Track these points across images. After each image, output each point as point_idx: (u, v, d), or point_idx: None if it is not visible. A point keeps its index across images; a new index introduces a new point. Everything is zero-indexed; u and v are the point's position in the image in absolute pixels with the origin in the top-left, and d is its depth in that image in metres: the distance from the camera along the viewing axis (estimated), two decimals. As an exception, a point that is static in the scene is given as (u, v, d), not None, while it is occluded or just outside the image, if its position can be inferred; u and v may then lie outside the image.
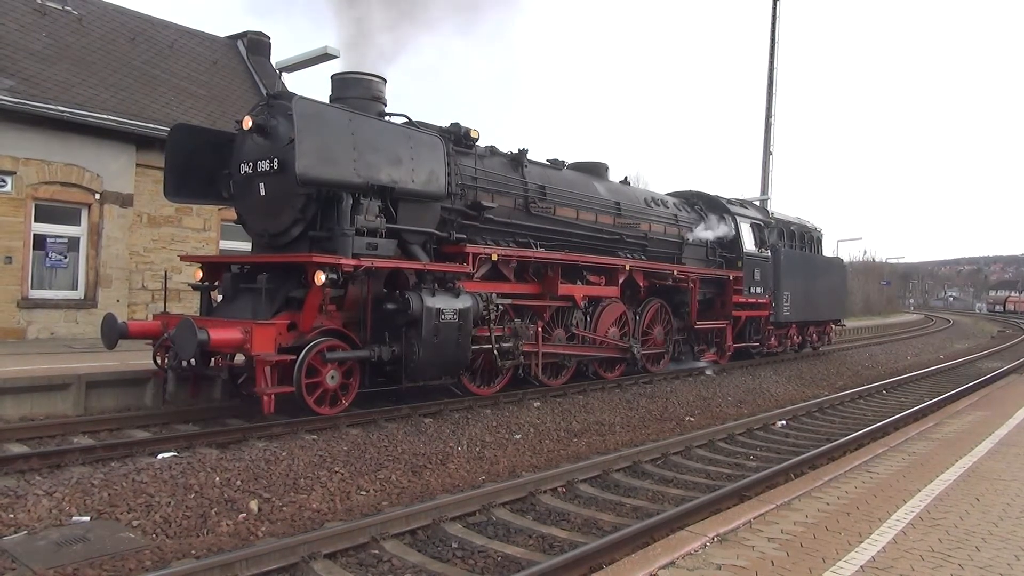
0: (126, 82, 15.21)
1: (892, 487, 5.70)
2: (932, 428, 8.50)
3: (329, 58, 15.94)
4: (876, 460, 6.69)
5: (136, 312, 14.30)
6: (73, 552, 4.65)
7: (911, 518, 4.88)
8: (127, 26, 16.77)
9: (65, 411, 8.44)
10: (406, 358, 8.56)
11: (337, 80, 9.40)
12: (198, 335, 7.21)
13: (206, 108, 16.21)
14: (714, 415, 10.94)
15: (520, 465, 7.49)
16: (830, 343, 22.68)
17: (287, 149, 8.03)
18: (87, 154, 13.73)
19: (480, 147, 10.61)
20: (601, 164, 13.75)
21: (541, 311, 11.05)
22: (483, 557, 5.01)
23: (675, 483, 7.19)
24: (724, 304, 15.75)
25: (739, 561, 4.02)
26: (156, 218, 14.80)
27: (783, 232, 18.84)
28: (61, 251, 13.75)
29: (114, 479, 5.94)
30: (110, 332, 8.30)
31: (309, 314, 8.03)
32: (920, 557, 4.16)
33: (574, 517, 5.95)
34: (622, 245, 13.09)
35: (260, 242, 9.21)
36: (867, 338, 31.47)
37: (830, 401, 12.32)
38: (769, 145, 29.32)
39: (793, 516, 4.88)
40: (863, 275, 68.00)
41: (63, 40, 14.94)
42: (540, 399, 10.62)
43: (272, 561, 4.52)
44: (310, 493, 6.12)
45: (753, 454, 8.58)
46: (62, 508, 5.34)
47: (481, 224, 10.22)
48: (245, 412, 8.60)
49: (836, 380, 16.02)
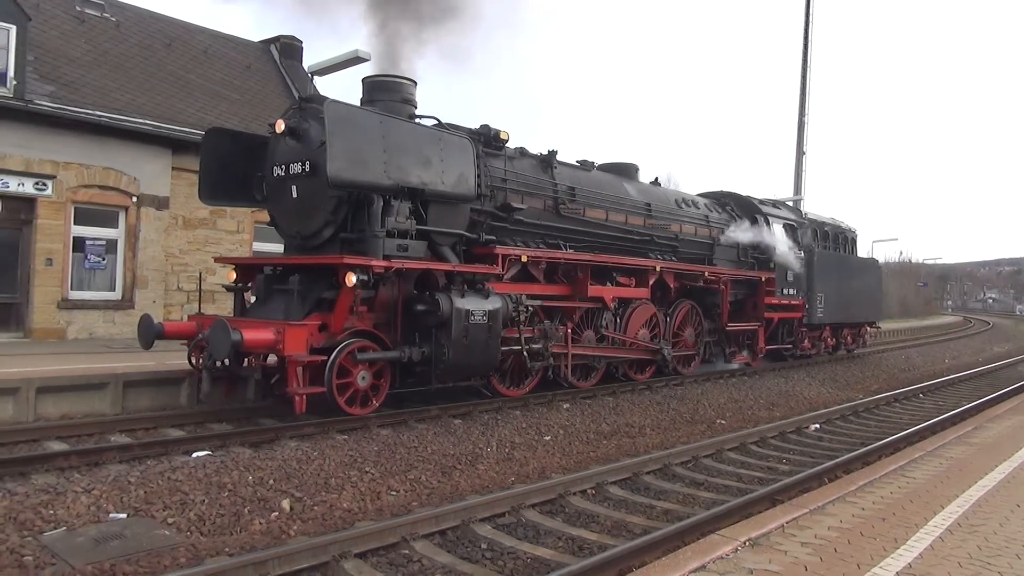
0: (162, 87, 15.50)
1: (929, 492, 5.58)
2: (971, 432, 8.32)
3: (360, 61, 16.03)
4: (912, 465, 6.56)
5: (172, 313, 14.54)
6: (110, 548, 4.74)
7: (949, 524, 4.78)
8: (163, 32, 17.10)
9: (103, 410, 8.61)
10: (436, 359, 8.60)
11: (368, 83, 9.47)
12: (232, 336, 7.31)
13: (240, 112, 16.45)
14: (746, 418, 10.82)
15: (550, 467, 7.48)
16: (865, 345, 22.29)
17: (319, 152, 8.12)
18: (124, 158, 14.01)
19: (510, 148, 10.62)
20: (631, 165, 13.68)
21: (571, 312, 11.02)
22: (512, 558, 5.00)
23: (706, 486, 7.12)
24: (756, 306, 15.57)
25: (771, 566, 3.97)
26: (191, 220, 15.05)
27: (817, 233, 18.57)
28: (99, 253, 14.04)
29: (150, 477, 6.05)
30: (146, 333, 8.44)
31: (340, 315, 8.10)
32: (958, 564, 4.07)
33: (604, 519, 5.92)
34: (652, 246, 13.01)
35: (292, 244, 9.32)
36: (903, 340, 30.90)
37: (865, 404, 12.12)
38: (802, 145, 28.96)
39: (827, 521, 4.80)
40: (899, 276, 66.83)
41: (101, 46, 15.27)
42: (570, 401, 10.59)
43: (303, 560, 4.56)
44: (341, 493, 6.16)
45: (786, 458, 8.46)
46: (100, 505, 5.44)
47: (511, 225, 10.22)
48: (277, 412, 8.70)
49: (871, 383, 15.76)
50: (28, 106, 12.71)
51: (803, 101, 28.79)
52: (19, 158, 12.78)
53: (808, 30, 28.69)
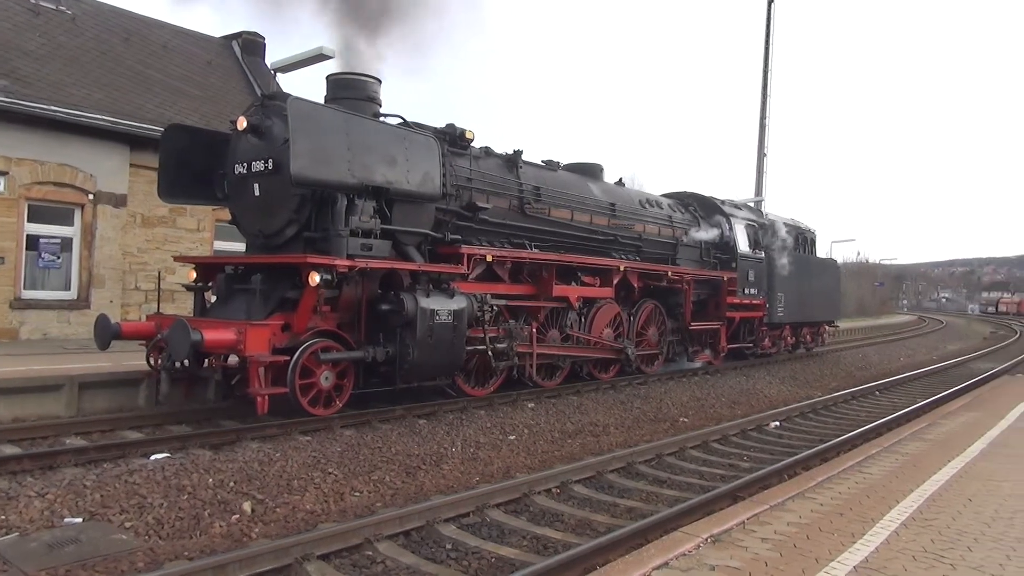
0: (120, 82, 15.17)
1: (885, 488, 5.71)
2: (925, 429, 8.53)
3: (324, 58, 15.84)
4: (869, 461, 6.71)
5: (129, 313, 14.24)
6: (65, 554, 4.64)
7: (904, 519, 4.90)
8: (121, 26, 16.72)
9: (58, 412, 8.40)
10: (400, 359, 8.55)
11: (332, 81, 9.38)
12: (191, 336, 7.20)
13: (200, 108, 16.16)
14: (708, 416, 10.96)
15: (514, 466, 7.49)
16: (824, 344, 22.74)
17: (282, 150, 8.02)
18: (81, 154, 13.67)
19: (475, 148, 10.61)
20: (596, 165, 13.77)
21: (536, 312, 11.06)
22: (477, 558, 5.00)
23: (669, 484, 7.19)
24: (718, 305, 15.77)
25: (732, 562, 4.03)
26: (150, 218, 14.75)
27: (777, 233, 18.85)
28: (54, 251, 13.68)
29: (107, 480, 5.92)
30: (103, 333, 8.26)
31: (303, 315, 8.01)
32: (913, 557, 4.17)
33: (568, 518, 5.95)
34: (616, 246, 13.11)
35: (254, 243, 9.19)
36: (860, 339, 31.56)
37: (823, 402, 12.35)
38: (763, 147, 29.41)
39: (786, 517, 4.89)
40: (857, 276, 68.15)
41: (57, 40, 14.89)
42: (535, 400, 10.62)
43: (265, 562, 4.51)
44: (304, 494, 6.11)
45: (747, 455, 8.59)
46: (54, 509, 5.32)
47: (476, 225, 10.22)
48: (239, 413, 8.57)
49: (830, 381, 16.06)
50: (-21, 100, 12.35)
51: (764, 103, 29.26)
52: (-30, 154, 12.41)
53: (769, 34, 29.16)
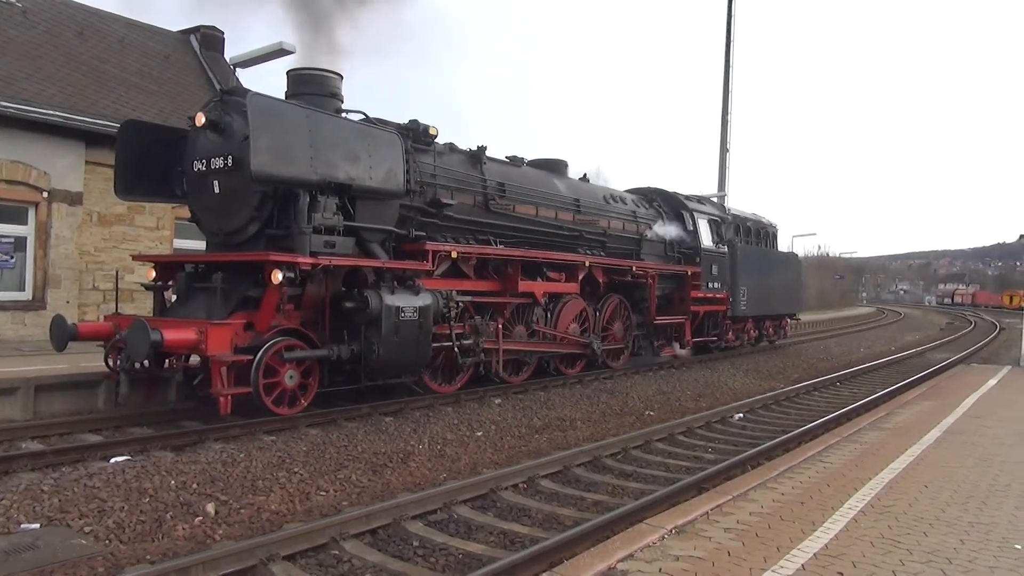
0: (74, 77, 14.81)
1: (845, 476, 5.83)
2: (883, 418, 8.73)
3: (285, 54, 15.69)
4: (829, 450, 6.85)
5: (87, 313, 13.94)
6: (22, 560, 4.53)
7: (863, 506, 5.01)
8: (74, 19, 16.33)
9: (12, 416, 8.18)
10: (366, 357, 8.50)
11: (293, 76, 9.27)
12: (151, 336, 7.07)
13: (158, 104, 15.85)
14: (673, 409, 11.07)
15: (481, 462, 7.50)
16: (786, 336, 23.13)
17: (242, 146, 7.90)
18: (34, 151, 13.32)
19: (439, 144, 10.56)
20: (561, 161, 13.80)
21: (502, 308, 11.06)
22: (444, 555, 5.00)
23: (635, 477, 7.26)
24: (683, 299, 15.93)
25: (696, 552, 4.08)
26: (107, 217, 14.44)
27: (739, 228, 19.12)
28: (7, 251, 13.33)
29: (65, 484, 5.79)
30: (59, 334, 8.09)
31: (266, 314, 7.91)
32: (871, 543, 4.27)
33: (535, 513, 5.97)
34: (581, 242, 13.17)
35: (215, 241, 9.05)
36: (821, 331, 32.15)
37: (786, 393, 12.56)
38: (726, 142, 29.77)
39: (749, 507, 4.97)
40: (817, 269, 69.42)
41: (7, 34, 14.48)
42: (501, 396, 10.63)
43: (229, 564, 4.45)
44: (269, 495, 6.04)
45: (711, 447, 8.70)
46: (10, 515, 5.18)
47: (440, 221, 10.19)
48: (201, 414, 8.44)
49: (791, 373, 16.33)
50: (-74, 96, 11.98)
51: (726, 99, 29.61)
52: (-84, 151, 12.04)
53: (730, 29, 29.50)
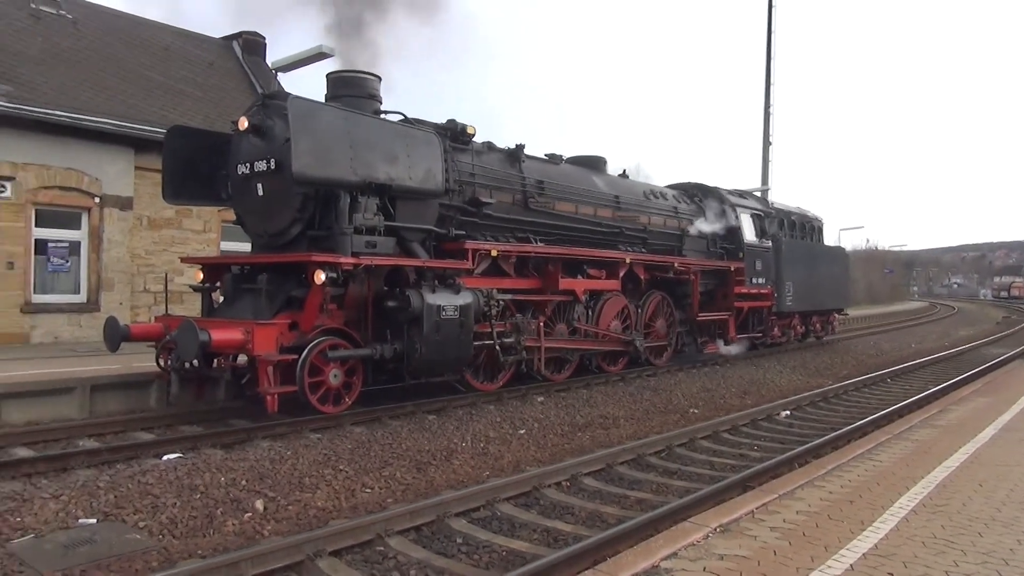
0: (122, 85, 15.23)
1: (896, 474, 5.70)
2: (936, 415, 8.50)
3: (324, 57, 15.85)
4: (880, 448, 6.69)
5: (139, 315, 14.33)
6: (80, 554, 4.67)
7: (914, 505, 4.89)
8: (122, 29, 16.79)
9: (70, 415, 8.46)
10: (408, 355, 8.57)
11: (332, 79, 9.39)
12: (199, 336, 7.24)
13: (203, 110, 16.22)
14: (718, 406, 10.94)
15: (524, 460, 7.50)
16: (834, 332, 22.65)
17: (283, 149, 8.04)
18: (86, 158, 13.75)
19: (477, 143, 10.60)
20: (599, 158, 13.73)
21: (542, 306, 11.06)
22: (488, 552, 5.02)
23: (679, 475, 7.19)
24: (726, 295, 15.74)
25: (741, 551, 4.03)
26: (156, 220, 14.82)
27: (784, 222, 18.80)
28: (63, 255, 13.78)
29: (120, 481, 5.97)
30: (112, 335, 8.32)
31: (310, 313, 8.04)
32: (923, 544, 4.16)
33: (578, 511, 5.95)
34: (622, 238, 13.09)
35: (259, 242, 9.23)
36: (871, 326, 31.43)
37: (834, 390, 12.31)
38: (768, 135, 29.24)
39: (796, 505, 4.88)
40: (866, 263, 67.90)
41: (59, 45, 14.95)
42: (544, 394, 10.63)
43: (277, 560, 4.53)
44: (315, 491, 6.13)
45: (757, 444, 8.57)
46: (68, 511, 5.35)
47: (480, 220, 10.22)
48: (249, 412, 8.62)
49: (840, 369, 16.00)
50: (-16, 107, 12.42)
51: (768, 91, 29.09)
52: (-24, 160, 12.50)
53: (771, 20, 29.00)
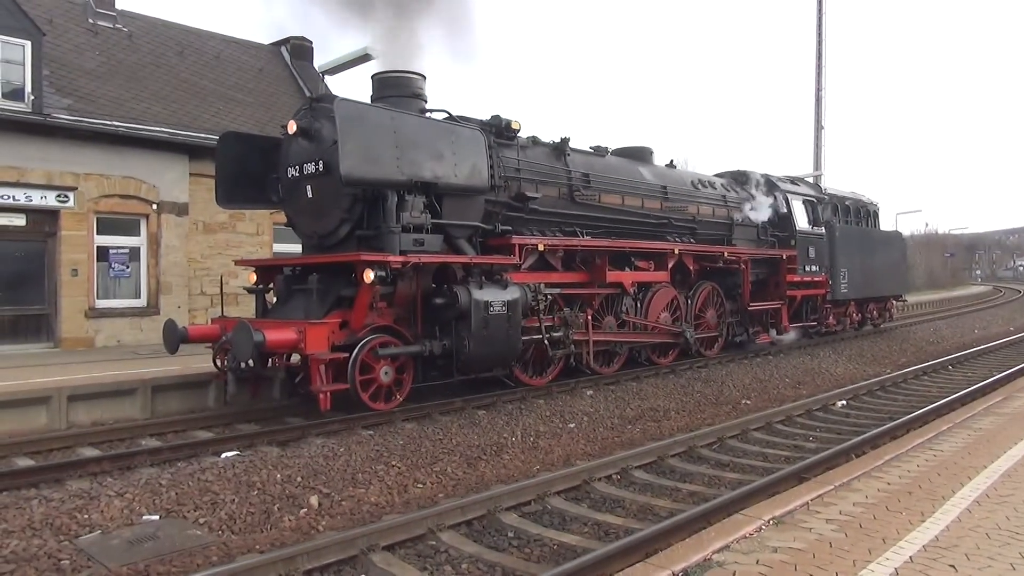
0: (176, 94, 15.66)
1: (957, 464, 5.53)
2: (1000, 403, 8.21)
3: (369, 59, 16.09)
4: (940, 437, 6.50)
5: (196, 317, 14.74)
6: (144, 550, 4.84)
7: (977, 496, 4.74)
8: (174, 39, 17.26)
9: (133, 415, 8.77)
10: (457, 352, 8.64)
11: (377, 80, 9.50)
12: (254, 337, 7.40)
13: (254, 115, 16.58)
14: (771, 397, 10.77)
15: (574, 454, 7.50)
16: (892, 319, 22.03)
17: (331, 151, 8.17)
18: (143, 166, 14.19)
19: (522, 138, 10.60)
20: (645, 148, 13.60)
21: (590, 299, 11.01)
22: (538, 545, 5.04)
23: (732, 467, 7.10)
24: (778, 284, 15.44)
25: (795, 543, 3.96)
26: (211, 225, 15.21)
27: (837, 208, 18.36)
28: (123, 261, 14.25)
29: (181, 479, 6.16)
30: (171, 337, 8.57)
31: (360, 312, 8.16)
32: (986, 535, 4.03)
33: (629, 504, 5.93)
34: (670, 229, 12.94)
35: (310, 243, 9.38)
36: (931, 313, 30.50)
37: (892, 379, 11.99)
38: (820, 119, 28.62)
39: (853, 497, 4.78)
40: (925, 248, 65.99)
41: (115, 57, 15.45)
42: (593, 387, 10.59)
43: (332, 554, 4.63)
44: (368, 487, 6.23)
45: (812, 435, 8.42)
46: (133, 508, 5.55)
47: (526, 215, 10.22)
48: (303, 410, 8.80)
49: (899, 357, 15.59)
50: (46, 120, 12.91)
51: (819, 74, 28.43)
52: (40, 171, 13.00)
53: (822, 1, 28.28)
